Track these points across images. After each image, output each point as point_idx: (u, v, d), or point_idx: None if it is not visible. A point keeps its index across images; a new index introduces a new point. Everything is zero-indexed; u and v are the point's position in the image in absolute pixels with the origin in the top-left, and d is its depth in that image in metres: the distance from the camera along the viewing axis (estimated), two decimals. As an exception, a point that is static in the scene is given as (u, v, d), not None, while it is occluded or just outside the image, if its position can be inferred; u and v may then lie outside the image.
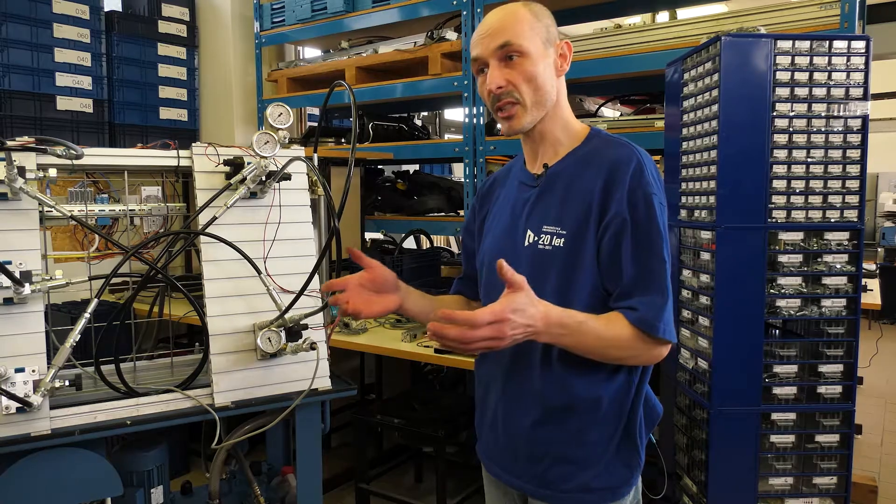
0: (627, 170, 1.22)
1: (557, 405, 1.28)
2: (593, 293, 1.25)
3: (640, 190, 1.21)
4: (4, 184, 1.52)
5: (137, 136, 3.72)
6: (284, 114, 1.72)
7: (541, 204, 1.32)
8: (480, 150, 3.19)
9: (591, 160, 1.28)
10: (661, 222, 1.22)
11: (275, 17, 3.98)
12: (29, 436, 1.50)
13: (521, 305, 1.11)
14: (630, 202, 1.21)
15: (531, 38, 1.26)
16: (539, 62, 1.26)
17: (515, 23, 1.26)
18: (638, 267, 1.21)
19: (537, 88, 1.27)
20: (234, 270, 1.73)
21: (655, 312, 1.20)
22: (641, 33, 2.74)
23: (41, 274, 1.56)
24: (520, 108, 1.28)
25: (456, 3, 3.19)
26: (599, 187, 1.23)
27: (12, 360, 1.49)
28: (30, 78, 3.24)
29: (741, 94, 1.87)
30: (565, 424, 1.28)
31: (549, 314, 1.15)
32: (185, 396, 1.69)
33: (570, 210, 1.26)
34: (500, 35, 1.26)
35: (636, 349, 1.22)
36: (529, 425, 1.31)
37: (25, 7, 3.21)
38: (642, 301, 1.21)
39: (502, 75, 1.26)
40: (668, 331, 1.22)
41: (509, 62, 1.26)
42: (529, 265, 1.29)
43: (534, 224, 1.31)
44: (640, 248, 1.21)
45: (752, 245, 1.90)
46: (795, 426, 1.95)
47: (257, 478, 2.08)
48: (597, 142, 1.32)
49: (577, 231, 1.25)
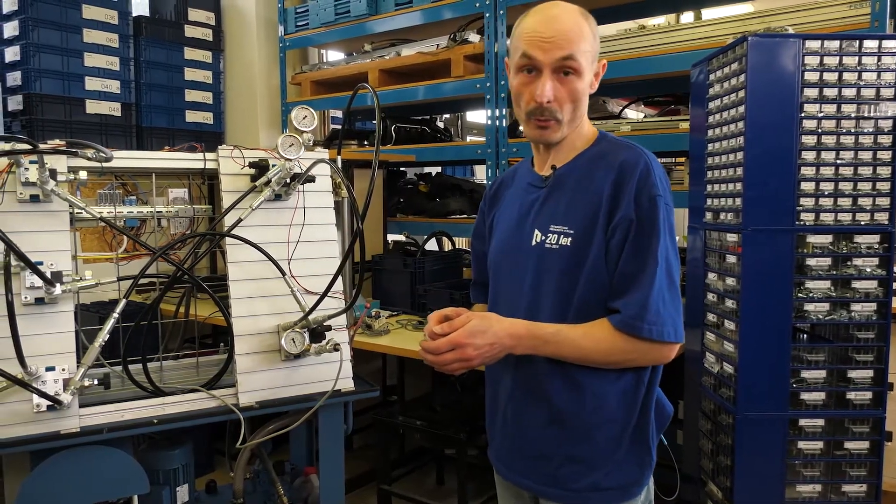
0: (635, 172, 1.24)
1: (565, 404, 1.29)
2: (595, 293, 1.25)
3: (647, 191, 1.22)
4: (37, 186, 1.55)
5: (164, 139, 3.78)
6: (309, 116, 1.74)
7: (549, 204, 1.33)
8: (503, 153, 3.19)
9: (600, 162, 1.30)
10: (661, 223, 1.22)
11: (299, 21, 4.02)
12: (59, 433, 1.53)
13: (478, 328, 1.22)
14: (636, 203, 1.22)
15: (587, 57, 1.27)
16: (586, 83, 1.29)
17: (581, 38, 1.26)
18: (630, 267, 1.22)
19: (577, 107, 1.29)
20: (258, 272, 1.75)
21: (638, 311, 1.20)
22: (666, 34, 2.72)
23: (71, 274, 1.59)
24: (555, 123, 1.30)
25: (479, 6, 3.19)
26: (609, 188, 1.25)
27: (43, 359, 1.52)
28: (60, 82, 3.31)
29: (769, 95, 1.85)
30: (574, 423, 1.29)
31: (514, 330, 1.24)
32: (210, 396, 1.71)
33: (579, 210, 1.28)
34: (566, 47, 1.24)
35: (628, 353, 1.22)
36: (538, 424, 1.32)
37: (56, 13, 3.28)
38: (627, 301, 1.21)
39: (554, 89, 1.26)
40: (662, 330, 1.20)
41: (563, 77, 1.26)
42: (535, 264, 1.31)
43: (542, 224, 1.32)
44: (637, 248, 1.22)
45: (780, 248, 1.87)
46: (824, 432, 1.91)
47: (280, 478, 2.09)
48: (605, 144, 1.34)
49: (585, 231, 1.26)
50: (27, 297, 1.52)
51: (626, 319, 1.20)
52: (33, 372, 1.48)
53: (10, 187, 1.56)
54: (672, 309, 1.22)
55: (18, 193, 1.56)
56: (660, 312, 1.20)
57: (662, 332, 1.20)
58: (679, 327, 1.24)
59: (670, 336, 1.22)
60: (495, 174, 3.22)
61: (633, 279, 1.21)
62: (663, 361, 1.28)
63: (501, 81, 3.14)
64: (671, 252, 1.24)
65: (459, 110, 5.01)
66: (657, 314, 1.20)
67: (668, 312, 1.21)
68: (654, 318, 1.20)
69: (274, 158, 1.80)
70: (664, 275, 1.21)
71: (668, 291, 1.22)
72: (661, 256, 1.21)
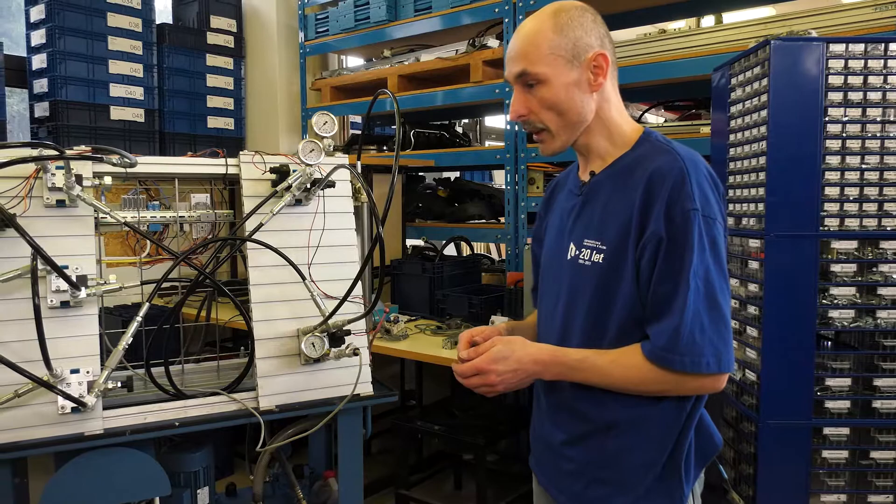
0: (667, 182, 1.12)
1: (594, 423, 1.22)
2: (629, 316, 1.16)
3: (679, 205, 1.10)
4: (63, 191, 1.58)
5: (186, 145, 3.82)
6: (329, 122, 1.75)
7: (584, 215, 1.26)
8: (522, 158, 3.19)
9: (635, 170, 1.19)
10: (696, 239, 1.10)
11: (319, 28, 4.05)
12: (83, 435, 1.55)
13: (501, 355, 1.19)
14: (667, 218, 1.11)
15: (551, 62, 1.17)
16: (561, 88, 1.18)
17: (533, 47, 1.18)
18: (661, 290, 1.12)
19: (562, 114, 1.20)
20: (279, 276, 1.76)
21: (668, 340, 1.10)
22: (686, 38, 2.70)
23: (96, 278, 1.61)
24: (546, 134, 1.23)
25: (498, 11, 3.19)
26: (639, 201, 1.14)
27: (68, 362, 1.54)
28: (85, 89, 3.36)
29: (792, 99, 1.83)
30: (604, 444, 1.22)
31: (539, 356, 1.19)
32: (230, 399, 1.72)
33: (611, 223, 1.19)
34: (518, 61, 1.19)
35: (661, 384, 1.13)
36: (563, 441, 1.27)
37: (82, 21, 3.33)
38: (658, 329, 1.12)
39: (523, 103, 1.21)
40: (698, 361, 1.09)
41: (530, 89, 1.20)
42: (569, 281, 1.25)
43: (576, 237, 1.25)
44: (668, 269, 1.11)
45: (804, 254, 1.85)
46: (849, 441, 1.88)
47: (300, 481, 2.10)
48: (645, 148, 1.22)
49: (617, 247, 1.17)
50: (53, 300, 1.55)
51: (655, 350, 1.11)
52: (58, 374, 1.50)
53: (36, 192, 1.59)
54: (713, 335, 1.10)
55: (45, 198, 1.58)
56: (694, 341, 1.09)
57: (699, 363, 1.09)
58: (724, 355, 1.11)
59: (710, 367, 1.10)
60: (514, 179, 3.22)
61: (664, 303, 1.11)
62: (708, 392, 1.17)
63: (520, 86, 3.13)
64: (713, 271, 1.11)
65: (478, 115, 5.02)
66: (691, 343, 1.09)
67: (708, 339, 1.09)
68: (687, 349, 1.09)
69: (294, 164, 1.82)
70: (702, 298, 1.10)
71: (706, 315, 1.10)
72: (697, 277, 1.10)
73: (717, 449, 1.25)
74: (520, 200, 3.21)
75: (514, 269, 3.16)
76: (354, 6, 3.79)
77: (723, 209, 1.17)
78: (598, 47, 1.19)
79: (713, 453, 1.25)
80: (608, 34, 1.23)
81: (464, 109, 4.19)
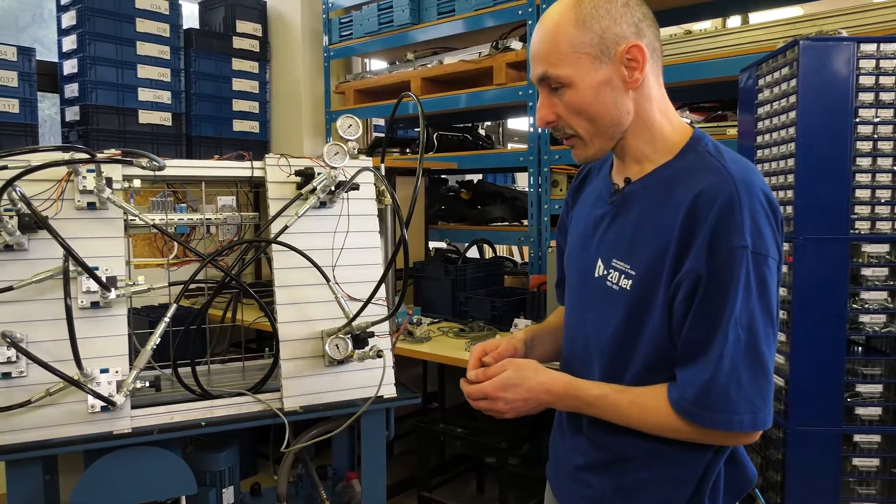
0: (714, 209, 0.96)
1: (611, 452, 1.13)
2: (655, 353, 1.05)
3: (725, 238, 0.95)
4: (94, 193, 1.61)
5: (212, 148, 3.87)
6: (354, 125, 1.76)
7: (613, 229, 1.12)
8: (545, 160, 3.18)
9: (677, 186, 1.03)
10: (742, 281, 0.95)
11: (343, 31, 4.08)
12: (111, 434, 1.58)
13: (512, 381, 1.11)
14: (709, 253, 0.96)
15: (574, 62, 1.02)
16: (588, 90, 1.03)
17: (553, 45, 1.03)
18: (694, 335, 0.99)
19: (592, 119, 1.06)
20: (303, 278, 1.77)
21: (698, 393, 0.98)
22: (713, 39, 2.67)
23: (125, 279, 1.64)
24: (578, 140, 1.09)
25: (521, 14, 3.19)
26: (678, 228, 0.99)
27: (97, 361, 1.57)
28: (115, 93, 3.43)
29: (821, 100, 1.80)
30: (620, 475, 1.12)
31: (553, 387, 1.11)
32: (255, 400, 1.74)
33: (643, 247, 1.05)
34: (538, 63, 1.05)
35: (683, 434, 1.02)
36: (579, 467, 1.19)
37: (112, 27, 3.40)
38: (688, 378, 1.00)
39: (550, 108, 1.07)
40: (729, 419, 0.97)
41: (555, 92, 1.06)
42: (598, 301, 1.14)
43: (604, 253, 1.13)
44: (706, 313, 0.98)
45: (833, 257, 1.81)
46: (880, 449, 1.84)
47: (323, 482, 2.11)
48: (691, 158, 1.05)
49: (647, 276, 1.04)
50: (83, 301, 1.58)
51: (682, 402, 1.00)
52: (89, 374, 1.53)
53: (68, 195, 1.62)
54: (752, 390, 0.97)
55: (76, 201, 1.61)
56: (728, 397, 0.97)
57: (730, 420, 0.97)
58: (761, 412, 0.99)
59: (743, 426, 0.98)
60: (537, 182, 3.21)
61: (698, 351, 0.99)
62: (732, 444, 1.06)
63: (544, 88, 3.13)
64: (758, 318, 0.97)
65: (501, 118, 5.01)
66: (724, 400, 0.97)
67: (744, 396, 0.97)
68: (719, 405, 0.97)
69: (319, 166, 1.83)
70: (742, 350, 0.97)
71: (746, 370, 0.97)
72: (739, 326, 0.96)
73: (751, 483, 1.14)
74: (543, 203, 3.20)
75: (537, 271, 3.15)
76: (378, 10, 3.81)
77: (779, 241, 1.01)
78: (632, 37, 1.03)
79: (747, 487, 1.14)
80: (648, 18, 1.06)
81: (486, 112, 4.19)
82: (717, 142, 1.09)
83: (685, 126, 1.12)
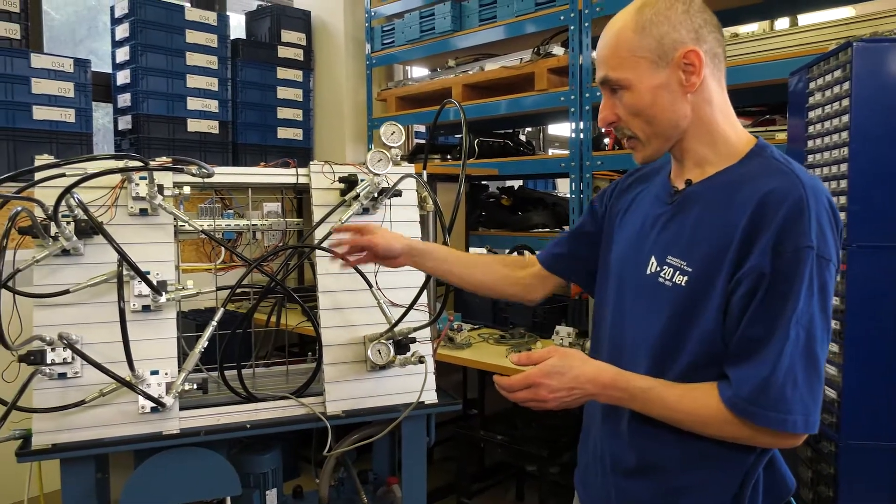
0: (782, 209, 0.97)
1: (650, 458, 1.12)
2: (704, 351, 1.05)
3: (792, 239, 0.96)
4: (146, 200, 1.66)
5: (257, 155, 3.95)
6: (397, 132, 1.78)
7: (671, 227, 1.12)
8: (587, 166, 3.15)
9: (741, 188, 1.04)
10: (806, 282, 0.96)
11: (385, 39, 4.12)
12: (161, 434, 1.62)
13: (558, 369, 1.08)
14: (774, 252, 0.97)
15: (633, 65, 1.07)
16: (646, 93, 1.07)
17: (613, 50, 1.09)
18: (754, 333, 0.99)
19: (650, 121, 1.09)
20: (346, 284, 1.80)
21: (754, 391, 0.97)
22: (760, 41, 2.62)
23: (174, 284, 1.68)
24: (636, 141, 1.13)
25: (563, 19, 3.17)
26: (742, 227, 1.00)
27: (148, 363, 1.61)
28: (165, 102, 3.53)
29: (875, 104, 1.74)
30: (660, 482, 1.11)
31: (599, 377, 1.08)
32: (299, 403, 1.77)
33: (702, 244, 1.05)
34: (601, 66, 1.11)
35: (733, 433, 1.01)
36: (619, 472, 1.17)
37: (163, 38, 3.50)
38: (743, 375, 0.99)
39: (611, 109, 1.12)
40: (784, 419, 0.97)
41: (615, 94, 1.11)
42: (646, 298, 1.13)
43: (659, 250, 1.12)
44: (766, 311, 0.98)
45: (889, 265, 1.75)
46: (940, 466, 1.77)
47: (364, 486, 2.13)
48: (756, 164, 1.07)
49: (705, 272, 1.04)
50: (135, 304, 1.62)
51: (737, 400, 0.99)
52: (140, 375, 1.57)
53: (121, 202, 1.67)
54: (805, 393, 0.97)
55: (129, 207, 1.67)
56: (784, 397, 0.96)
57: (785, 420, 0.97)
58: (812, 415, 0.99)
59: (796, 427, 0.98)
60: (579, 188, 3.18)
61: (756, 349, 0.98)
62: (780, 447, 1.05)
63: (586, 94, 3.10)
64: (817, 320, 0.98)
65: (542, 123, 4.99)
66: (780, 399, 0.97)
67: (799, 396, 0.97)
68: (775, 404, 0.97)
69: (363, 173, 1.85)
70: (800, 350, 0.97)
71: (802, 371, 0.97)
72: (799, 325, 0.97)
73: (791, 490, 1.13)
74: (584, 209, 3.16)
75: (579, 278, 3.11)
76: (420, 17, 3.84)
77: (839, 249, 1.02)
78: (690, 42, 1.06)
79: (786, 495, 1.13)
80: (709, 24, 1.09)
81: (527, 118, 4.17)
82: (782, 152, 1.10)
83: (748, 134, 1.13)
